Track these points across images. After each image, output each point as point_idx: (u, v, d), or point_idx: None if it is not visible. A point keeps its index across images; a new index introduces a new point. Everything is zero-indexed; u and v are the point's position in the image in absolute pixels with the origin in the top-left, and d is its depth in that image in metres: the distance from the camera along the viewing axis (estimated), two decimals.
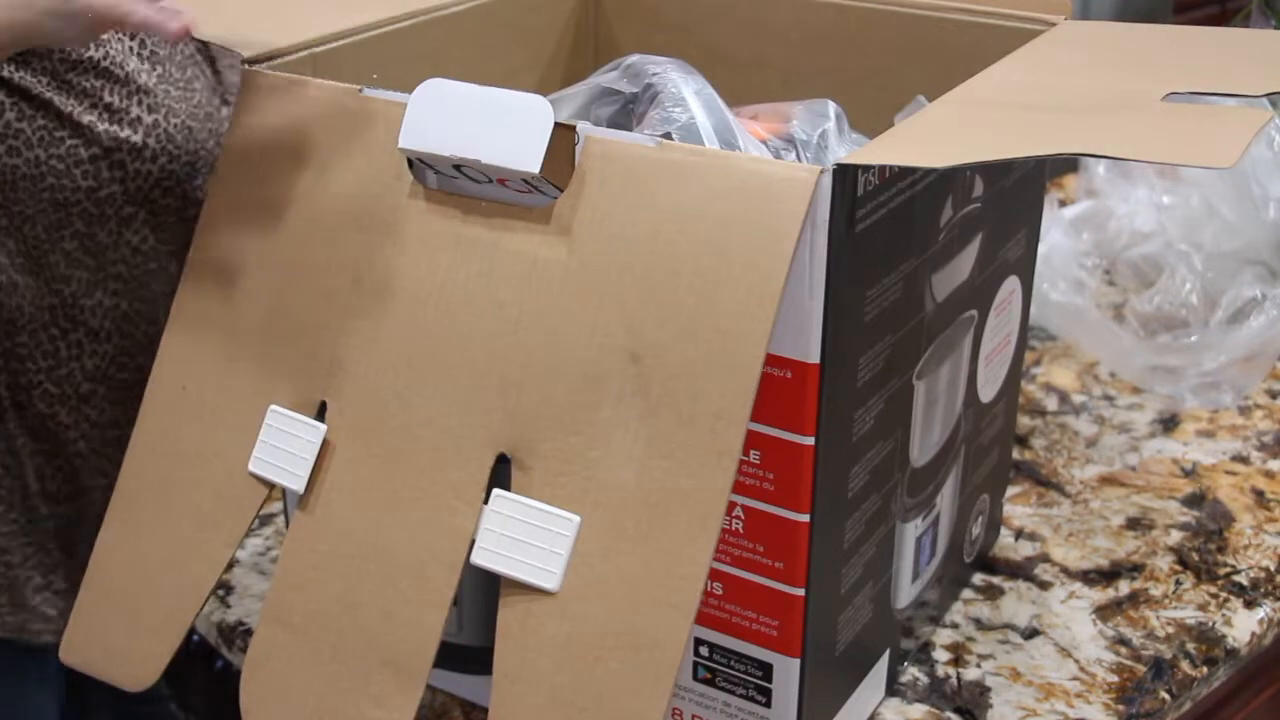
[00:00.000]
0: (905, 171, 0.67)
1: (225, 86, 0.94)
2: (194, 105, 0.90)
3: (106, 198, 0.87)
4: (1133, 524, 1.00)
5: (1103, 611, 0.91)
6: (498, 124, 0.65)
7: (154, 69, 0.88)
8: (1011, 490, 1.03)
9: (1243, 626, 0.90)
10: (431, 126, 0.67)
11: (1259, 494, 1.04)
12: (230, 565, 0.94)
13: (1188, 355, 1.15)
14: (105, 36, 0.85)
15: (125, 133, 0.86)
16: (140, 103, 0.86)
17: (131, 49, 0.87)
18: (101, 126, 0.85)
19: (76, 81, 0.84)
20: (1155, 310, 1.16)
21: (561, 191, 0.66)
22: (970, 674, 0.86)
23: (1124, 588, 0.94)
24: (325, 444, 0.70)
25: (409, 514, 0.67)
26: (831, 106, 0.79)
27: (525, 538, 0.64)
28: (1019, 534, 0.99)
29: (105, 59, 0.85)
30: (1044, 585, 0.94)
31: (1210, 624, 0.90)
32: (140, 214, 0.89)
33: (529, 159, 0.64)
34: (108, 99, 0.85)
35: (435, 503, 0.66)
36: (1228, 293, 1.17)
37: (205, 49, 0.94)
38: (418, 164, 0.69)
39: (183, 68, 0.90)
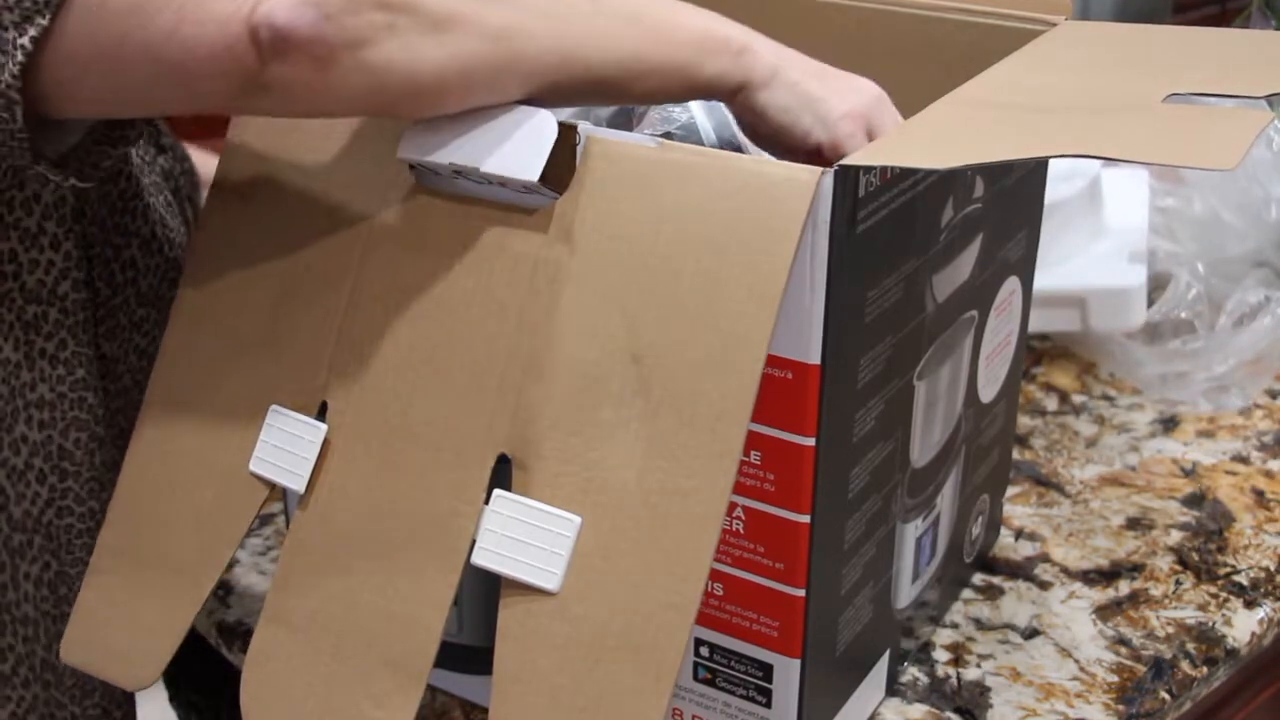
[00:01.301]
0: (906, 172, 0.67)
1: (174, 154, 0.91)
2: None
3: (121, 304, 0.82)
4: (1133, 524, 1.00)
5: (1103, 611, 0.91)
6: (499, 131, 0.65)
7: None
8: (1011, 490, 1.03)
9: (1243, 626, 0.90)
10: (431, 133, 0.66)
11: (1259, 494, 1.04)
12: (230, 565, 0.94)
13: (1196, 360, 1.15)
14: None
15: (137, 224, 0.82)
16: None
17: None
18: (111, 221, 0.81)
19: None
20: (1162, 319, 1.16)
21: (562, 193, 0.66)
22: (970, 674, 0.86)
23: (1124, 588, 0.94)
24: (326, 444, 0.70)
25: (409, 514, 0.67)
26: None
27: (526, 538, 0.64)
28: (1019, 534, 0.99)
29: None
30: (1044, 585, 0.94)
31: (1210, 624, 0.90)
32: (152, 315, 0.85)
33: (529, 168, 0.64)
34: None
35: (436, 503, 0.66)
36: (1233, 296, 1.17)
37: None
38: (418, 164, 0.69)
39: None
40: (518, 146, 0.64)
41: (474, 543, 0.65)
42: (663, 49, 0.66)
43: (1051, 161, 0.94)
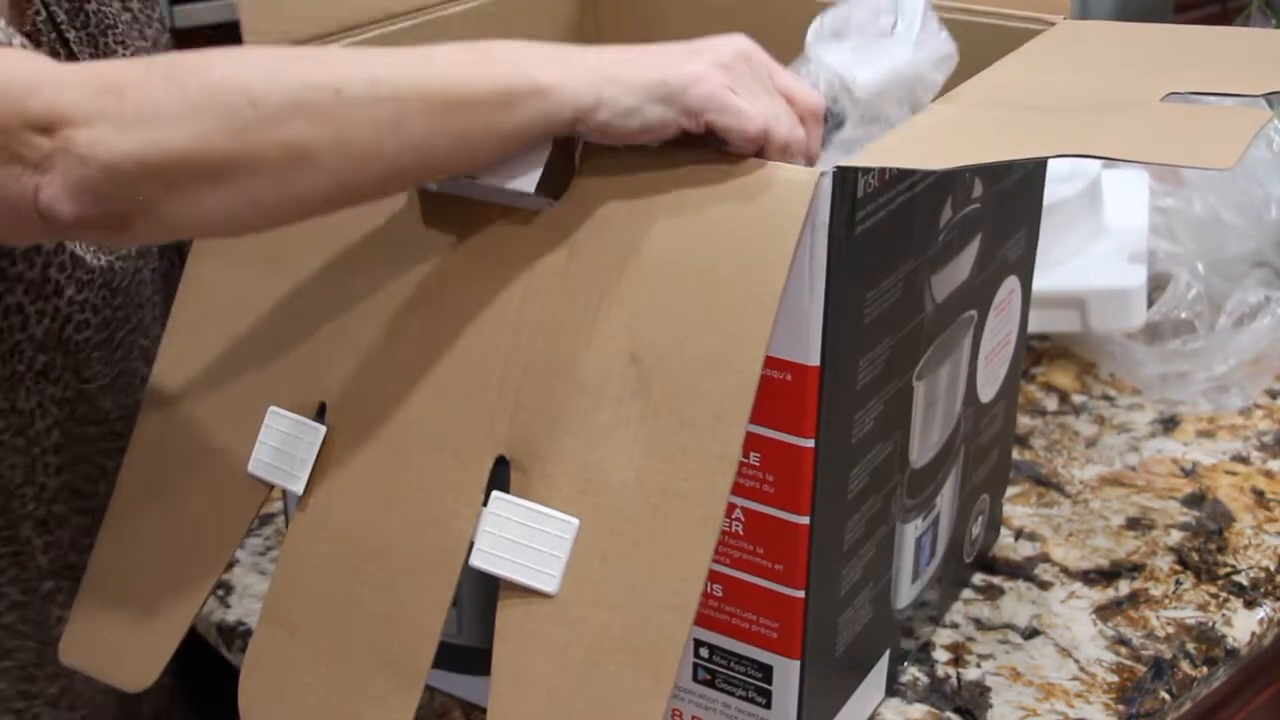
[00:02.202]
0: (905, 173, 0.67)
1: None
2: None
3: (11, 351, 0.80)
4: (1133, 524, 1.00)
5: (1103, 611, 0.91)
6: None
7: None
8: (1011, 490, 1.03)
9: (1243, 626, 0.90)
10: None
11: (1259, 494, 1.04)
12: (230, 565, 0.94)
13: (1196, 360, 1.15)
14: None
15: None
16: None
17: None
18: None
19: None
20: (1162, 319, 1.16)
21: (561, 195, 0.66)
22: (970, 674, 0.86)
23: (1124, 588, 0.94)
24: (325, 445, 0.70)
25: (408, 515, 0.67)
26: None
27: (524, 540, 0.64)
28: (1019, 534, 0.99)
29: None
30: (1044, 585, 0.94)
31: (1210, 624, 0.90)
32: (57, 360, 0.83)
33: (527, 180, 0.64)
34: None
35: (434, 504, 0.66)
36: (1233, 296, 1.17)
37: None
38: None
39: None
40: (515, 156, 0.64)
41: (472, 544, 0.65)
42: (456, 118, 0.60)
43: (1052, 162, 0.94)
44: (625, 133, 0.63)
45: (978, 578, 0.95)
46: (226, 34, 1.93)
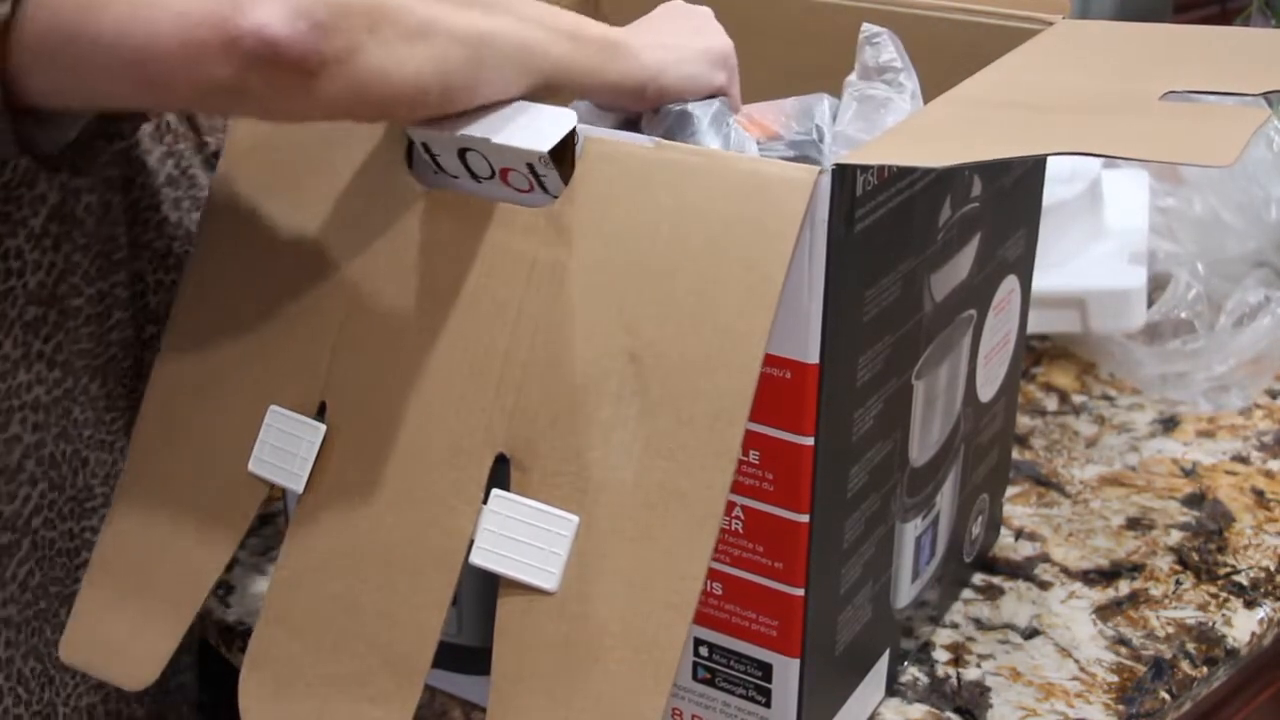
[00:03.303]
0: (904, 171, 0.67)
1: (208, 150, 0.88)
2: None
3: (129, 319, 0.80)
4: (1133, 524, 1.00)
5: (1103, 611, 0.91)
6: (514, 114, 0.65)
7: None
8: (1011, 490, 1.03)
9: (1243, 626, 0.90)
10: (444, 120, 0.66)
11: (1259, 494, 1.04)
12: (230, 565, 0.94)
13: (1196, 360, 1.15)
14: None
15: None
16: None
17: None
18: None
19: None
20: (1162, 319, 1.16)
21: (563, 189, 0.66)
22: (970, 674, 0.86)
23: (1124, 588, 0.94)
24: (325, 444, 0.70)
25: (408, 514, 0.67)
26: (827, 102, 0.79)
27: (524, 538, 0.64)
28: (1019, 534, 0.99)
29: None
30: (1044, 585, 0.94)
31: (1210, 624, 0.90)
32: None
33: (541, 140, 0.64)
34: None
35: (434, 502, 0.66)
36: (1233, 296, 1.17)
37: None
38: (418, 162, 0.69)
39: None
40: (532, 123, 0.64)
41: (472, 542, 0.65)
42: (580, 54, 0.67)
43: (1052, 163, 0.94)
44: (689, 95, 0.72)
45: (978, 578, 0.95)
46: None
